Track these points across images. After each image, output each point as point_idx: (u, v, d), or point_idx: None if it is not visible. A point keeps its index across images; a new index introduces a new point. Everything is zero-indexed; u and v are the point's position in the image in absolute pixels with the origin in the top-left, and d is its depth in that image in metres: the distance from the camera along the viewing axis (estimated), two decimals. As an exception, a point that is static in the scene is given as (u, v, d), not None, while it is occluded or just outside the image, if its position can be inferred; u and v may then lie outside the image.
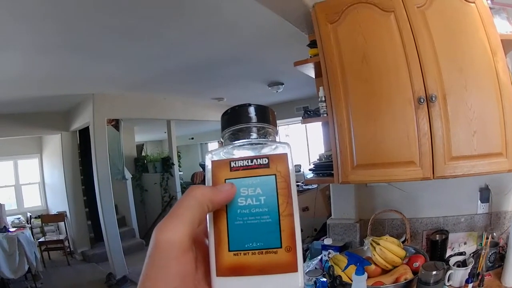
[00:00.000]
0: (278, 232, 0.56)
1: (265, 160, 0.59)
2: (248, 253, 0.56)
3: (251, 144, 0.62)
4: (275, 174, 0.58)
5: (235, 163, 0.59)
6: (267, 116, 0.64)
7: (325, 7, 2.80)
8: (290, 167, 0.59)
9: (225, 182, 0.59)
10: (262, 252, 0.56)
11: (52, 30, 4.25)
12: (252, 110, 0.63)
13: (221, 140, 0.66)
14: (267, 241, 0.56)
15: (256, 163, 0.59)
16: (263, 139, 0.63)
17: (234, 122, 0.63)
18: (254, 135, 0.63)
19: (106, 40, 4.80)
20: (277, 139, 0.65)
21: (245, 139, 0.62)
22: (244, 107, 0.63)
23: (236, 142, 0.63)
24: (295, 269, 0.55)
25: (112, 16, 4.06)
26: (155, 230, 0.52)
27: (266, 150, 0.61)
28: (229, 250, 0.56)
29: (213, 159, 0.61)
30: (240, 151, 0.61)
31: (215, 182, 0.59)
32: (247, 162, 0.59)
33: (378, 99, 2.61)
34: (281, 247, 0.56)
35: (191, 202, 0.54)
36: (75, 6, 3.73)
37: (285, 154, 0.60)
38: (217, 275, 0.56)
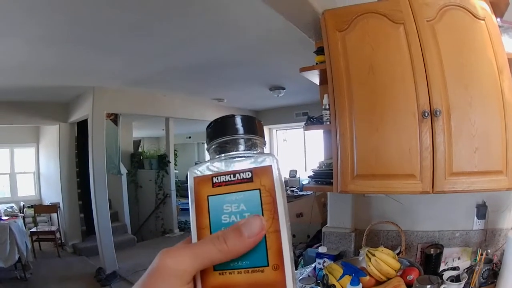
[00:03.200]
0: (264, 250, 0.55)
1: (248, 174, 0.57)
2: (234, 272, 0.54)
3: (235, 157, 0.60)
4: (259, 189, 0.57)
5: (217, 179, 0.58)
6: (254, 127, 0.63)
7: (334, 15, 2.79)
8: (276, 180, 0.57)
9: (207, 199, 0.57)
10: (248, 271, 0.54)
11: (57, 21, 4.26)
12: (238, 121, 0.61)
13: (207, 152, 0.65)
14: (253, 260, 0.55)
15: (239, 178, 0.57)
16: (247, 151, 0.61)
17: (220, 134, 0.61)
18: (241, 147, 0.61)
19: (110, 34, 4.81)
20: (265, 150, 0.64)
21: (232, 151, 0.61)
22: (229, 118, 0.61)
23: (220, 155, 0.61)
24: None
25: (118, 10, 4.07)
26: (163, 252, 0.51)
27: (251, 163, 0.59)
28: (214, 270, 0.55)
29: (195, 175, 0.59)
30: (224, 165, 0.59)
31: (197, 200, 0.58)
32: (230, 177, 0.58)
33: (382, 111, 2.60)
34: (268, 266, 0.54)
35: (214, 247, 0.52)
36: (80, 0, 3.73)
37: (270, 166, 0.58)
38: None
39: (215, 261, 0.52)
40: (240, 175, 0.57)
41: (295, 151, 12.74)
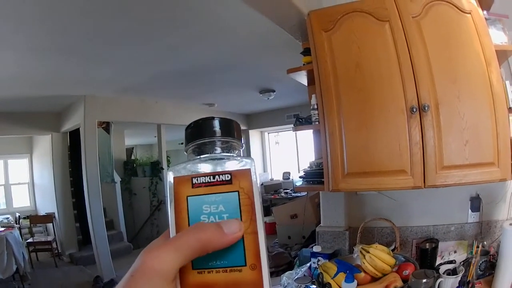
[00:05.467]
0: (242, 250, 0.56)
1: (228, 176, 0.58)
2: (212, 271, 0.55)
3: (215, 159, 0.61)
4: (238, 191, 0.58)
5: (197, 180, 0.59)
6: (232, 130, 0.64)
7: (320, 15, 2.81)
8: (254, 182, 0.59)
9: (186, 199, 0.58)
10: (227, 270, 0.55)
11: (46, 32, 4.26)
12: (217, 123, 0.62)
13: (185, 153, 0.66)
14: (231, 259, 0.56)
15: (219, 179, 0.58)
16: (227, 154, 0.62)
17: (198, 135, 0.62)
18: (218, 149, 0.62)
19: (99, 43, 4.81)
20: (242, 153, 0.64)
21: (209, 153, 0.62)
22: (209, 120, 0.62)
23: (199, 156, 0.62)
24: (260, 287, 0.55)
25: (106, 19, 4.08)
26: (145, 252, 0.51)
27: (230, 166, 0.60)
28: (192, 268, 0.55)
29: (175, 175, 0.60)
30: (203, 166, 0.60)
31: (177, 200, 0.58)
32: (209, 178, 0.59)
33: (370, 108, 2.62)
34: (245, 265, 0.55)
35: (194, 236, 0.52)
36: (69, 9, 3.74)
37: (249, 170, 0.59)
38: None
39: (194, 251, 0.52)
40: (219, 177, 0.58)
41: (287, 154, 12.75)
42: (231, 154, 0.63)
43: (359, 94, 2.65)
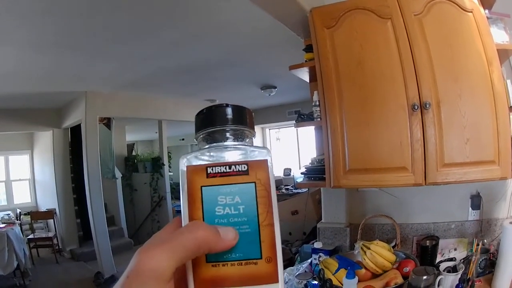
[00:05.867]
0: (258, 243, 0.55)
1: (244, 167, 0.57)
2: (227, 264, 0.54)
3: (230, 148, 0.60)
4: (254, 182, 0.56)
5: (212, 169, 0.57)
6: (245, 118, 0.62)
7: (322, 12, 2.81)
8: (271, 174, 0.57)
9: (201, 189, 0.56)
10: (242, 263, 0.54)
11: (47, 27, 4.26)
12: (229, 111, 0.61)
13: (195, 140, 0.64)
14: (246, 252, 0.54)
15: (235, 170, 0.57)
16: (243, 144, 0.61)
17: (211, 123, 0.60)
18: (231, 138, 0.61)
19: (101, 38, 4.81)
20: (254, 142, 0.63)
21: (221, 141, 0.60)
22: (221, 108, 0.61)
23: (213, 144, 0.61)
24: (275, 280, 0.54)
25: (108, 15, 4.08)
26: (140, 251, 0.49)
27: (245, 156, 0.59)
28: (207, 262, 0.54)
29: (188, 164, 0.58)
30: (217, 156, 0.59)
31: (190, 190, 0.56)
32: (225, 168, 0.57)
33: (372, 105, 2.62)
34: (261, 258, 0.54)
35: (189, 236, 0.50)
36: (72, 5, 3.74)
37: (265, 160, 0.58)
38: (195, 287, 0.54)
39: (191, 252, 0.50)
40: (235, 167, 0.57)
41: (288, 150, 12.67)
42: (246, 144, 0.61)
43: (360, 91, 2.66)
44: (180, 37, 5.02)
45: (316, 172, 3.05)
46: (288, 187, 10.26)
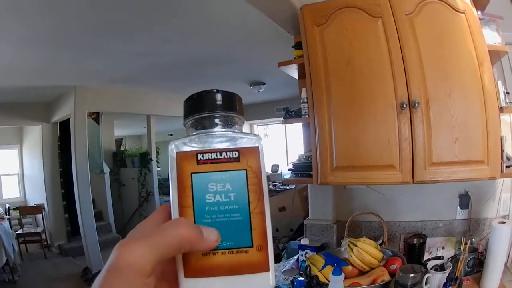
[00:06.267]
0: (249, 231, 0.55)
1: (235, 154, 0.57)
2: (218, 252, 0.54)
3: (220, 134, 0.59)
4: (245, 169, 0.56)
5: (202, 156, 0.56)
6: (235, 104, 0.62)
7: (312, 10, 2.81)
8: (262, 161, 0.57)
9: (191, 176, 0.56)
10: (233, 251, 0.54)
11: (39, 22, 4.26)
12: (219, 97, 0.61)
13: (183, 126, 0.63)
14: (237, 240, 0.54)
15: (226, 157, 0.57)
16: (233, 130, 0.61)
17: (200, 108, 0.60)
18: (220, 124, 0.60)
19: (91, 33, 4.81)
20: (243, 129, 0.63)
21: (210, 128, 0.60)
22: (211, 93, 0.61)
23: (202, 131, 0.60)
24: (266, 269, 0.54)
25: (100, 10, 4.07)
26: (121, 245, 0.49)
27: (236, 142, 0.58)
28: None
29: (178, 150, 0.58)
30: (207, 142, 0.58)
31: (180, 176, 0.56)
32: (216, 155, 0.57)
33: (360, 103, 2.63)
34: (252, 246, 0.54)
35: (172, 233, 0.50)
36: (64, 1, 3.74)
37: (257, 148, 0.58)
38: (185, 277, 0.54)
39: (172, 249, 0.50)
40: (227, 154, 0.57)
41: (277, 146, 12.68)
42: (236, 131, 0.61)
43: (349, 89, 2.66)
44: (171, 33, 5.02)
45: (303, 169, 3.05)
46: (275, 183, 10.26)
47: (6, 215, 9.65)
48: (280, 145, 12.60)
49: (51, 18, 4.14)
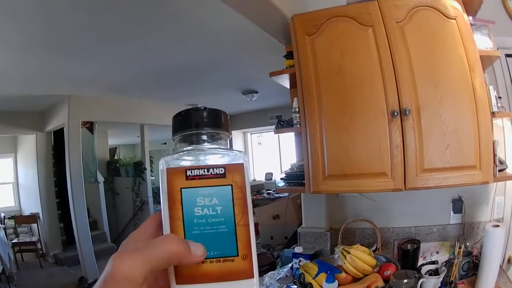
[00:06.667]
0: (234, 241, 0.59)
1: (222, 170, 0.60)
2: (206, 261, 0.57)
3: (207, 151, 0.63)
4: (231, 185, 0.60)
5: (191, 172, 0.60)
6: (221, 121, 0.65)
7: (303, 19, 2.83)
8: (246, 177, 0.61)
9: (181, 191, 0.60)
10: (220, 260, 0.58)
11: (31, 28, 4.27)
12: (206, 114, 0.64)
13: (172, 141, 0.66)
14: (224, 250, 0.58)
15: (213, 173, 0.60)
16: (219, 146, 0.64)
17: (188, 126, 0.63)
18: (207, 140, 0.64)
19: (84, 40, 4.82)
20: (234, 146, 0.65)
21: (197, 143, 0.64)
22: (198, 111, 0.64)
23: (190, 147, 0.64)
24: (251, 276, 0.58)
25: (92, 17, 4.09)
26: (115, 257, 0.52)
27: (223, 159, 0.62)
28: None
29: (168, 166, 0.61)
30: (196, 158, 0.62)
31: (170, 191, 0.60)
32: (204, 171, 0.60)
33: (351, 111, 2.64)
34: (237, 255, 0.58)
35: (163, 248, 0.54)
36: (55, 6, 3.75)
37: (241, 164, 0.62)
38: (177, 283, 0.57)
39: (162, 263, 0.54)
40: (213, 170, 0.60)
41: (270, 154, 12.70)
42: (223, 147, 0.65)
43: (340, 98, 2.67)
44: (163, 41, 5.03)
45: (296, 178, 3.06)
46: (269, 191, 10.27)
47: (2, 224, 9.63)
48: (273, 153, 12.59)
49: (41, 23, 4.14)
